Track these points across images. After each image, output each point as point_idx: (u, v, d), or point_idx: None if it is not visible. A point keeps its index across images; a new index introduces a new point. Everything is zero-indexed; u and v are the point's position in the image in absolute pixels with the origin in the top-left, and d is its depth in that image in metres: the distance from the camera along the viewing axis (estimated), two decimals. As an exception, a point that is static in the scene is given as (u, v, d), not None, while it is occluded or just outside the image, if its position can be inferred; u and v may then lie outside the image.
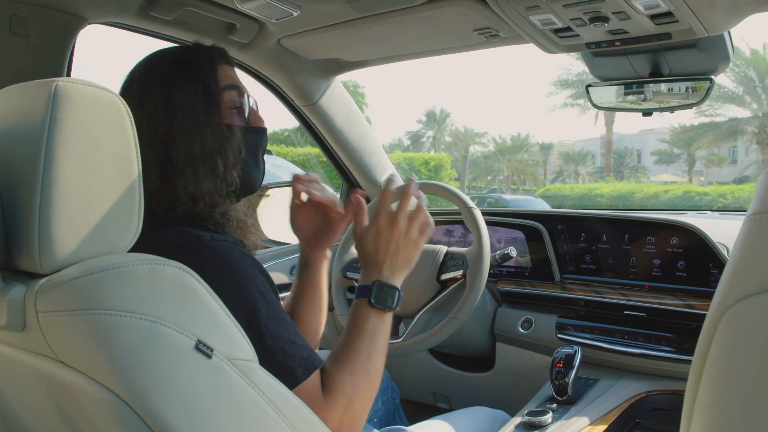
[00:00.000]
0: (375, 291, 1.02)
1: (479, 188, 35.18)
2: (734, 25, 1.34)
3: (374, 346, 0.99)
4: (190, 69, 1.03)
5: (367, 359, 0.97)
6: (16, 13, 1.35)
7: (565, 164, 36.52)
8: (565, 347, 1.51)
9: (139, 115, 0.93)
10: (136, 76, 1.05)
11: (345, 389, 0.92)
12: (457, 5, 1.41)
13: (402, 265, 1.06)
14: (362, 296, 1.02)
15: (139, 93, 1.01)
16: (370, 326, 1.00)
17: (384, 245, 1.05)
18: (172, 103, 0.99)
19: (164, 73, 1.03)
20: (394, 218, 1.06)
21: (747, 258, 0.51)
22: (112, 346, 0.69)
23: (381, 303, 1.01)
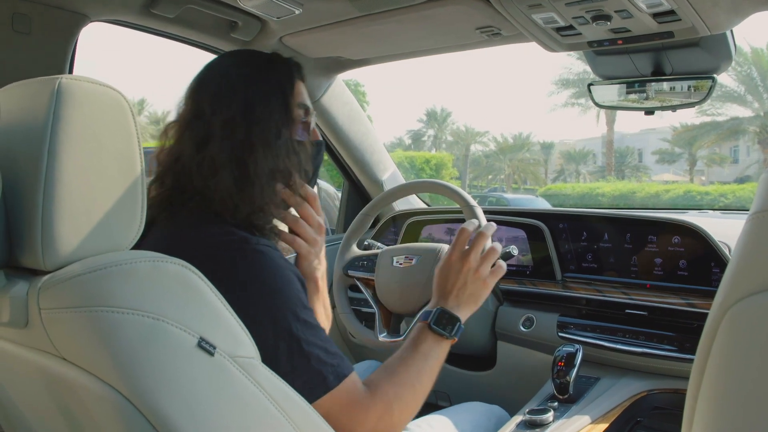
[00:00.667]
0: (436, 316, 1.08)
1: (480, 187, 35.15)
2: (737, 24, 1.34)
3: (425, 366, 1.04)
4: (270, 80, 1.05)
5: (416, 375, 1.02)
6: (18, 11, 1.35)
7: (566, 163, 36.49)
8: (567, 346, 1.51)
9: (215, 117, 0.98)
10: (209, 76, 1.06)
11: (387, 396, 0.96)
12: (459, 3, 1.41)
13: (468, 300, 1.13)
14: (424, 319, 1.09)
15: (214, 94, 1.02)
16: (425, 348, 1.05)
17: (453, 277, 1.13)
18: (250, 111, 1.00)
19: (243, 78, 1.03)
20: (467, 255, 1.14)
21: (749, 257, 0.51)
22: (115, 343, 0.69)
23: (440, 328, 1.07)
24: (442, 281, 1.13)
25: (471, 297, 1.13)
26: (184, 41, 1.75)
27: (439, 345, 1.07)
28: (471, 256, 1.14)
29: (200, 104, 1.02)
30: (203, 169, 0.98)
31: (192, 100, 1.04)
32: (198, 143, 0.99)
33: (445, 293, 1.12)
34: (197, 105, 1.02)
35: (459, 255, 1.15)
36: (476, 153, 38.60)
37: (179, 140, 1.02)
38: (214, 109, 1.00)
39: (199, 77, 1.07)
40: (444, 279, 1.13)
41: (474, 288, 1.14)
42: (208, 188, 0.97)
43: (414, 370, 1.02)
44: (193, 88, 1.05)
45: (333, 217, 2.64)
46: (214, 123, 0.99)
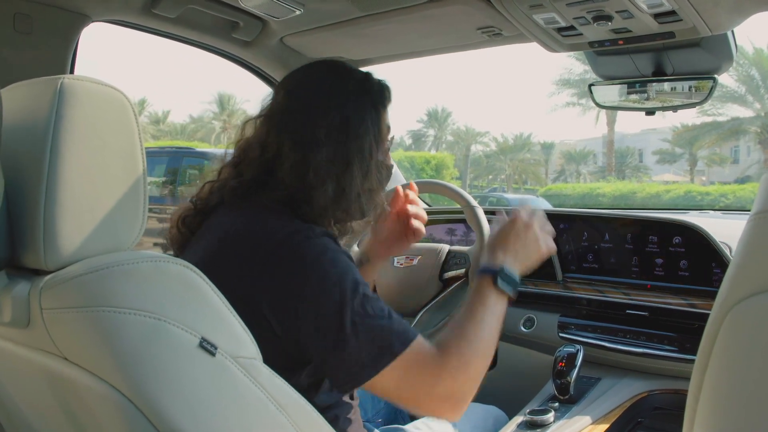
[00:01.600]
0: (502, 275, 1.07)
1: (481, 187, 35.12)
2: (738, 24, 1.34)
3: (492, 320, 1.03)
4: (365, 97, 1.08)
5: (485, 329, 1.01)
6: (20, 11, 1.36)
7: (566, 163, 36.46)
8: (567, 346, 1.51)
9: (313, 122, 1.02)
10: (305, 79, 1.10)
11: (459, 349, 0.96)
12: (461, 4, 1.41)
13: (523, 258, 1.13)
14: (486, 273, 1.07)
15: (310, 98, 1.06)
16: (491, 302, 1.04)
17: (513, 236, 1.13)
18: (346, 125, 1.04)
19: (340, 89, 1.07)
20: (530, 221, 1.15)
21: (750, 257, 0.51)
22: (116, 343, 0.69)
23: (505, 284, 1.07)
24: (503, 239, 1.13)
25: (526, 257, 1.14)
26: (185, 41, 1.75)
27: (502, 301, 1.06)
28: (534, 222, 1.16)
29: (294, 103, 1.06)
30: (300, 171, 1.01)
31: (286, 98, 1.07)
32: (296, 142, 1.02)
33: (506, 251, 1.11)
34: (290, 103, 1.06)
35: (524, 219, 1.15)
36: (477, 153, 38.58)
37: (267, 133, 1.05)
38: (311, 114, 1.04)
39: (295, 78, 1.11)
40: (505, 237, 1.13)
41: (531, 250, 1.15)
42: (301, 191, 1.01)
43: (482, 323, 1.01)
44: (288, 88, 1.09)
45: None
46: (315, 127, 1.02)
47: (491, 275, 1.06)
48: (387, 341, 0.90)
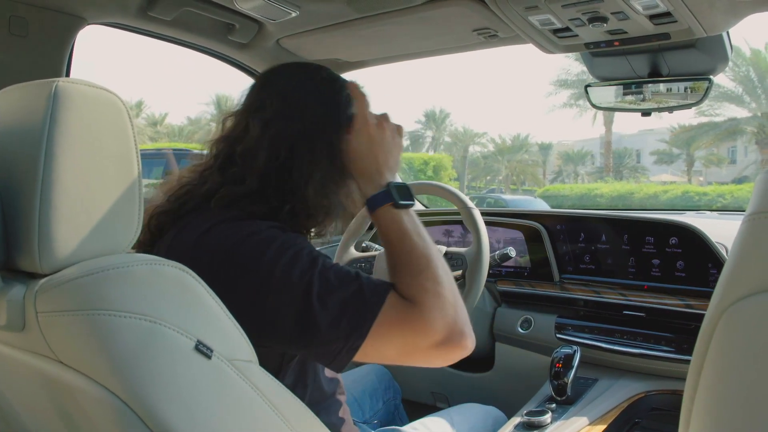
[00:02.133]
0: (394, 191, 1.00)
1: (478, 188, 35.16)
2: (733, 26, 1.35)
3: (424, 243, 0.97)
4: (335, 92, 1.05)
5: (426, 254, 0.95)
6: (15, 14, 1.35)
7: (564, 164, 36.51)
8: (564, 347, 1.51)
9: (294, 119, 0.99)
10: (277, 78, 1.07)
11: (425, 287, 0.90)
12: (456, 5, 1.41)
13: (394, 167, 1.05)
14: (385, 202, 1.00)
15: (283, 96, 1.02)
16: (410, 225, 0.98)
17: (378, 149, 1.03)
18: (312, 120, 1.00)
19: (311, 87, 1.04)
20: (381, 123, 1.05)
21: (745, 258, 0.51)
22: (112, 347, 0.69)
23: (405, 199, 1.00)
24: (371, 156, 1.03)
25: (395, 164, 1.06)
26: (182, 44, 1.75)
27: (413, 217, 1.00)
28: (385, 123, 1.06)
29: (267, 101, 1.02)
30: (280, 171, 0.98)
31: (258, 96, 1.04)
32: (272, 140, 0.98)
33: (380, 168, 1.02)
34: (263, 101, 1.02)
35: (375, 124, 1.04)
36: (474, 154, 38.61)
37: (245, 130, 1.01)
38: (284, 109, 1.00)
39: (267, 76, 1.07)
40: (371, 154, 1.03)
41: (395, 155, 1.06)
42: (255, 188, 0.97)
43: (418, 249, 0.96)
44: (261, 85, 1.06)
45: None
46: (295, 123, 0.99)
47: (388, 202, 0.99)
48: (362, 304, 0.86)
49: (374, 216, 1.01)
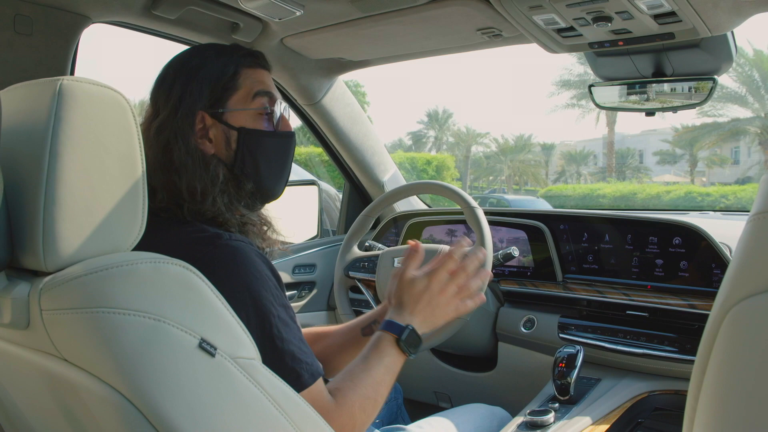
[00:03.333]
0: (408, 334, 1.03)
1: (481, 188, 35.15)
2: (737, 25, 1.34)
3: (387, 379, 1.01)
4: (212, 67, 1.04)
5: (378, 387, 0.99)
6: (20, 12, 1.36)
7: (567, 164, 36.47)
8: (568, 347, 1.51)
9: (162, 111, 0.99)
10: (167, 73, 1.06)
11: (353, 409, 0.95)
12: (460, 5, 1.41)
13: (430, 321, 1.08)
14: (392, 332, 1.04)
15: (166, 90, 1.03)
16: (389, 361, 1.02)
17: (427, 298, 1.07)
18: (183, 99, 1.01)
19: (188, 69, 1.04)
20: (447, 284, 1.09)
21: (750, 257, 0.51)
22: (116, 344, 0.69)
23: (407, 347, 1.03)
24: (416, 298, 1.07)
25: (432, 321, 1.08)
26: (186, 42, 1.76)
27: (400, 361, 1.03)
28: (451, 284, 1.09)
29: (156, 103, 1.04)
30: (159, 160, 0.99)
31: (151, 100, 1.05)
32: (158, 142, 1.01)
33: (415, 311, 1.06)
34: (154, 104, 1.04)
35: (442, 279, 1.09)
36: (477, 154, 38.61)
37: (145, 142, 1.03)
38: (164, 104, 1.02)
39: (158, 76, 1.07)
40: (418, 297, 1.07)
41: (440, 315, 1.08)
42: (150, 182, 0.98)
43: (379, 382, 0.99)
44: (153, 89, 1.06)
45: (334, 218, 2.64)
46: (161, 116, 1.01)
47: (395, 334, 1.03)
48: (297, 371, 0.89)
49: (376, 334, 1.05)
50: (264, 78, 1.08)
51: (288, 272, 2.14)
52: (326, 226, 2.52)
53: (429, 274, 1.09)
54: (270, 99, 1.08)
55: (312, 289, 2.20)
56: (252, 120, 1.05)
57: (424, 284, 1.08)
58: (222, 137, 1.03)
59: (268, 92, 1.07)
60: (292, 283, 2.15)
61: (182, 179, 0.98)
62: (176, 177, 0.98)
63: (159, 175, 0.98)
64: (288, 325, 0.91)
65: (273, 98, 1.08)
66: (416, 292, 1.07)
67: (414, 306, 1.07)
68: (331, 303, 2.23)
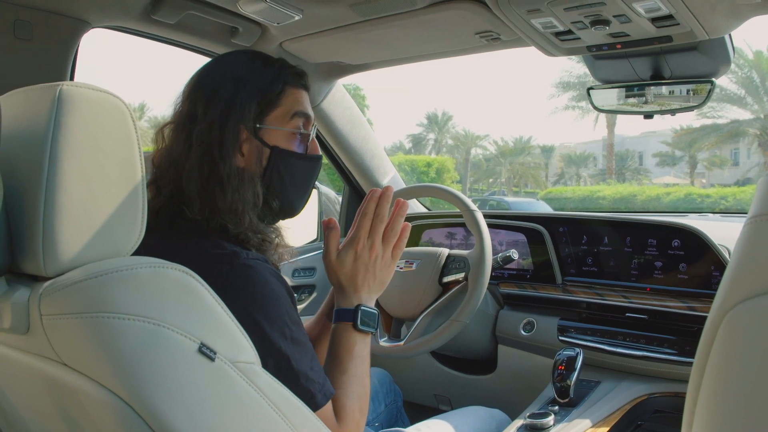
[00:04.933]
0: (360, 316, 1.03)
1: (481, 191, 35.18)
2: (735, 28, 1.35)
3: (365, 369, 1.01)
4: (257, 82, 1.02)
5: (363, 381, 1.00)
6: (20, 18, 1.36)
7: (566, 166, 36.49)
8: (567, 349, 1.51)
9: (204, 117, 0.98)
10: (206, 75, 1.05)
11: (354, 415, 0.95)
12: (459, 9, 1.42)
13: (377, 288, 1.07)
14: (346, 320, 1.03)
15: (206, 94, 1.00)
16: (359, 349, 1.02)
17: (362, 269, 1.05)
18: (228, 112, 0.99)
19: (232, 79, 1.01)
20: (372, 242, 1.06)
21: (748, 260, 0.51)
22: (116, 349, 0.69)
23: (365, 326, 1.03)
24: (351, 275, 1.04)
25: (380, 284, 1.07)
26: (185, 47, 1.76)
27: (366, 342, 1.03)
28: (376, 243, 1.06)
29: (195, 104, 1.00)
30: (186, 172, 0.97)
31: (188, 99, 1.02)
32: (189, 145, 0.98)
33: (357, 287, 1.04)
34: (192, 105, 1.01)
35: (364, 244, 1.05)
36: (477, 156, 38.62)
37: (175, 142, 1.00)
38: (205, 109, 0.99)
39: (198, 74, 1.05)
40: (353, 272, 1.04)
41: (382, 275, 1.07)
42: (186, 191, 0.96)
43: (360, 377, 1.00)
44: (190, 87, 1.03)
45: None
46: (202, 123, 0.98)
47: (349, 321, 1.02)
48: (311, 391, 0.88)
49: (332, 328, 1.04)
50: (303, 99, 1.07)
51: (288, 276, 2.14)
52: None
53: (350, 242, 1.06)
54: (306, 121, 1.06)
55: (312, 293, 2.20)
56: (285, 140, 1.03)
57: (351, 256, 1.05)
58: (254, 153, 1.01)
59: (305, 114, 1.06)
60: (292, 287, 2.15)
61: (225, 195, 0.95)
62: (218, 191, 0.95)
63: (196, 184, 0.96)
64: (301, 345, 0.90)
65: (309, 120, 1.07)
66: (348, 268, 1.04)
67: (353, 282, 1.04)
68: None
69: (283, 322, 0.88)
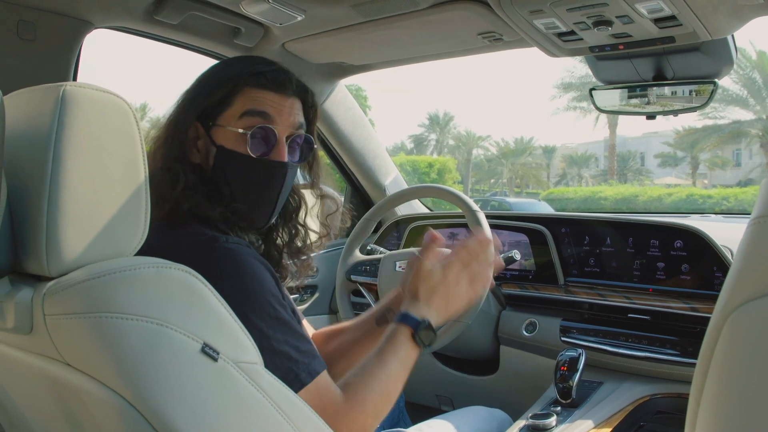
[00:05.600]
0: (423, 327, 1.02)
1: (483, 191, 35.15)
2: (738, 29, 1.35)
3: (402, 374, 1.00)
4: (219, 80, 1.05)
5: (393, 383, 0.99)
6: (23, 18, 1.36)
7: (568, 167, 36.47)
8: (569, 350, 1.51)
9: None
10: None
11: (364, 403, 0.94)
12: (462, 9, 1.42)
13: (443, 313, 1.07)
14: (408, 324, 1.02)
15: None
16: (404, 354, 1.00)
17: (443, 292, 1.06)
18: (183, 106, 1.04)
19: (204, 80, 1.07)
20: (460, 277, 1.09)
21: (750, 261, 0.51)
22: (119, 349, 0.69)
23: (422, 340, 1.02)
24: (431, 291, 1.06)
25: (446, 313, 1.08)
26: (188, 47, 1.76)
27: (414, 354, 1.02)
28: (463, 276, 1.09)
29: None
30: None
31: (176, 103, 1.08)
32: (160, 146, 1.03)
33: (431, 304, 1.05)
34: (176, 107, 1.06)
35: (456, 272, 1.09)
36: (478, 157, 38.61)
37: (162, 145, 1.04)
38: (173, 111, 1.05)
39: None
40: (433, 290, 1.06)
41: (455, 306, 1.08)
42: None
43: (392, 376, 0.98)
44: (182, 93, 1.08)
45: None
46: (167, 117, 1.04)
47: (411, 327, 1.02)
48: (293, 371, 0.88)
49: (391, 326, 1.03)
50: (264, 98, 1.02)
51: None
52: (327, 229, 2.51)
53: (444, 266, 1.08)
54: (263, 120, 1.02)
55: (314, 293, 2.20)
56: (233, 140, 1.01)
57: (439, 277, 1.07)
58: (204, 150, 1.04)
59: (260, 112, 1.01)
60: (294, 287, 2.15)
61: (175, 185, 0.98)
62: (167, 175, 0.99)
63: (158, 173, 0.98)
64: (285, 325, 0.90)
65: (268, 120, 1.02)
66: (432, 285, 1.06)
67: (429, 298, 1.05)
68: (333, 307, 2.23)
69: (266, 301, 0.89)
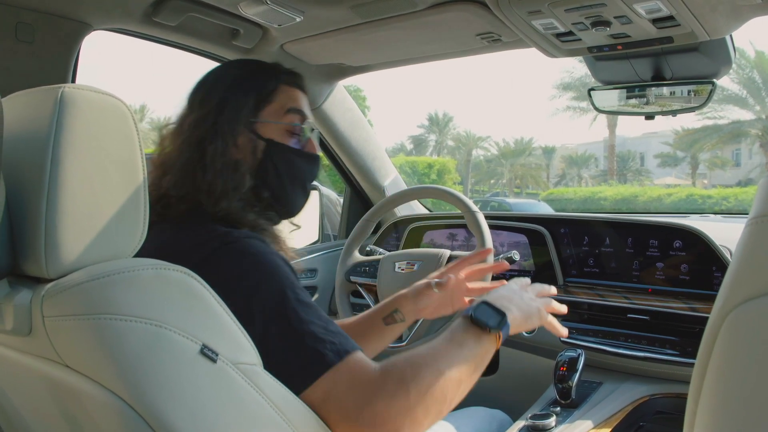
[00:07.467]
0: (478, 307, 1.00)
1: (482, 192, 35.16)
2: (736, 29, 1.35)
3: (458, 354, 0.93)
4: (252, 81, 1.08)
5: (443, 360, 0.90)
6: (22, 20, 1.36)
7: (568, 168, 36.50)
8: (569, 350, 1.51)
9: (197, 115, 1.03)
10: (206, 81, 1.10)
11: (402, 374, 0.85)
12: (460, 10, 1.42)
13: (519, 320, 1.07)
14: (465, 313, 1.00)
15: (202, 96, 1.07)
16: (460, 337, 0.96)
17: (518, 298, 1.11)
18: (222, 106, 1.04)
19: (229, 79, 1.08)
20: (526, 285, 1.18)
21: (749, 261, 0.51)
22: (118, 351, 0.69)
23: (480, 319, 0.98)
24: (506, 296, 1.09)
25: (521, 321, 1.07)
26: (186, 49, 1.76)
27: (478, 337, 0.96)
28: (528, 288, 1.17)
29: (192, 105, 1.07)
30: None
31: (187, 103, 1.08)
32: (180, 133, 1.04)
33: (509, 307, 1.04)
34: (189, 106, 1.07)
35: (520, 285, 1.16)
36: (478, 158, 38.64)
37: (173, 144, 1.05)
38: (200, 106, 1.05)
39: (197, 81, 1.11)
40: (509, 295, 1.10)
41: (527, 316, 1.10)
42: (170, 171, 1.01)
43: (441, 354, 0.90)
44: (190, 92, 1.09)
45: (335, 223, 2.65)
46: (196, 114, 1.04)
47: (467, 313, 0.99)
48: (318, 351, 0.83)
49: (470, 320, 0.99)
50: (298, 97, 1.11)
51: None
52: (327, 230, 2.52)
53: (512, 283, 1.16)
54: (301, 118, 1.10)
55: (313, 294, 2.20)
56: (280, 134, 1.07)
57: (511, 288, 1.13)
58: (249, 146, 1.05)
59: (300, 110, 1.10)
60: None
61: (206, 175, 0.99)
62: (200, 173, 0.99)
63: (183, 171, 1.00)
64: (309, 306, 0.87)
65: (304, 118, 1.11)
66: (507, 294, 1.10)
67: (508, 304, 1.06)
68: (333, 308, 2.23)
69: (284, 285, 0.87)
